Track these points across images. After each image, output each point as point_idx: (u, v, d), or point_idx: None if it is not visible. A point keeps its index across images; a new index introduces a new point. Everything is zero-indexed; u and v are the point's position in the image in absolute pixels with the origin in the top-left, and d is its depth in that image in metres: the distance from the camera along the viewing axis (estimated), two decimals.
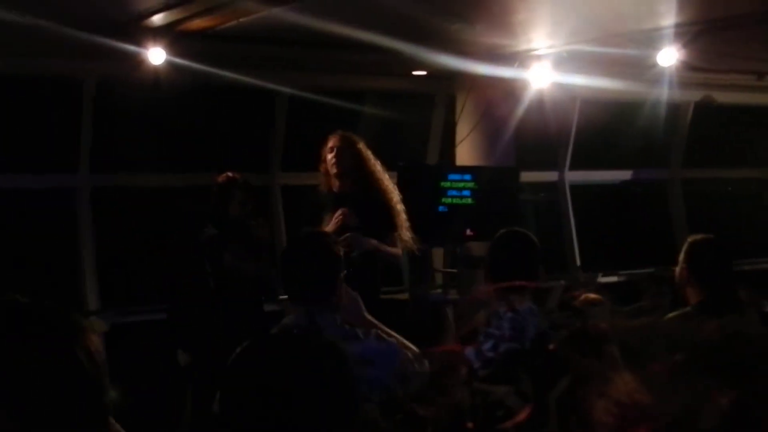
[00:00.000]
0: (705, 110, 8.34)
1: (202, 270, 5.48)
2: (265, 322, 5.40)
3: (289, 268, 3.32)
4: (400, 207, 5.36)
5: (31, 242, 6.48)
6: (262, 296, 5.75)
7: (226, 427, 1.41)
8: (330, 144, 5.39)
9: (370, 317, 3.45)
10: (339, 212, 5.22)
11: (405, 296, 6.79)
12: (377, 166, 5.41)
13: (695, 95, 8.14)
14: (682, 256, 4.12)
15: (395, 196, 5.38)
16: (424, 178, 6.77)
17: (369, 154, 5.40)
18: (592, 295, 4.68)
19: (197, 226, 5.64)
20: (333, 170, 5.35)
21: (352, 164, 5.34)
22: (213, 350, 4.75)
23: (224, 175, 5.66)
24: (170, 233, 6.57)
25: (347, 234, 4.99)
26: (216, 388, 1.57)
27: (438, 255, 7.33)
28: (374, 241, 5.17)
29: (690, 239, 4.19)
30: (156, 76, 5.76)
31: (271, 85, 6.53)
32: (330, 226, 5.16)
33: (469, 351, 3.35)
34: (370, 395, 2.94)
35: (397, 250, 5.37)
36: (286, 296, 3.37)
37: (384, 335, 3.34)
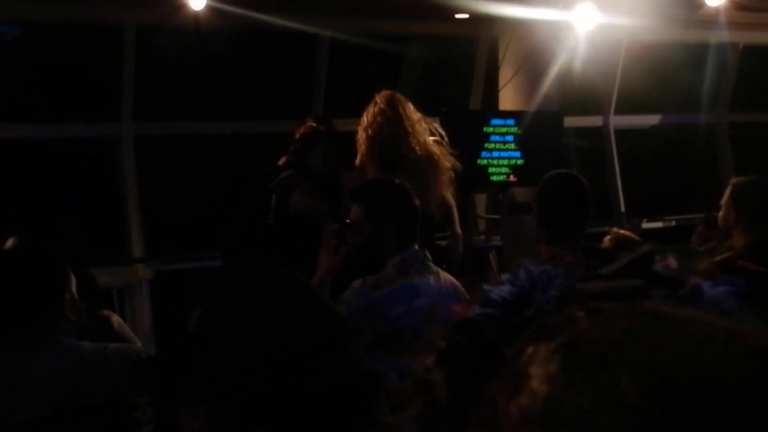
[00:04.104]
0: (752, 52, 8.15)
1: (266, 207, 5.16)
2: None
3: (402, 211, 3.41)
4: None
5: (76, 191, 6.53)
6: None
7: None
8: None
9: None
10: None
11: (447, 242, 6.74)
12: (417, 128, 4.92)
13: (744, 36, 7.94)
14: (725, 199, 4.09)
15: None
16: (466, 123, 6.69)
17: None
18: (623, 231, 4.51)
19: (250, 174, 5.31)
20: None
21: None
22: None
23: (307, 124, 5.25)
24: (214, 181, 6.53)
25: None
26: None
27: (481, 201, 7.27)
28: None
29: (733, 181, 4.18)
30: (197, 21, 5.72)
31: (312, 30, 6.44)
32: None
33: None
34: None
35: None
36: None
37: None
